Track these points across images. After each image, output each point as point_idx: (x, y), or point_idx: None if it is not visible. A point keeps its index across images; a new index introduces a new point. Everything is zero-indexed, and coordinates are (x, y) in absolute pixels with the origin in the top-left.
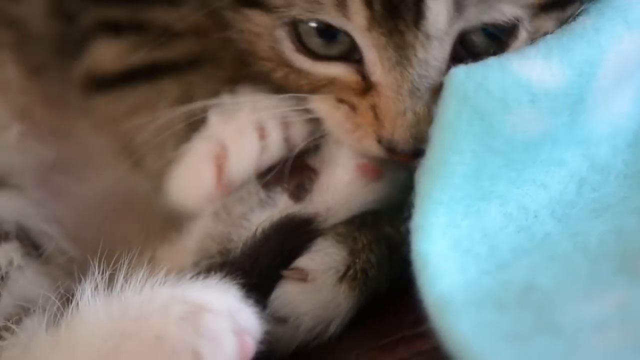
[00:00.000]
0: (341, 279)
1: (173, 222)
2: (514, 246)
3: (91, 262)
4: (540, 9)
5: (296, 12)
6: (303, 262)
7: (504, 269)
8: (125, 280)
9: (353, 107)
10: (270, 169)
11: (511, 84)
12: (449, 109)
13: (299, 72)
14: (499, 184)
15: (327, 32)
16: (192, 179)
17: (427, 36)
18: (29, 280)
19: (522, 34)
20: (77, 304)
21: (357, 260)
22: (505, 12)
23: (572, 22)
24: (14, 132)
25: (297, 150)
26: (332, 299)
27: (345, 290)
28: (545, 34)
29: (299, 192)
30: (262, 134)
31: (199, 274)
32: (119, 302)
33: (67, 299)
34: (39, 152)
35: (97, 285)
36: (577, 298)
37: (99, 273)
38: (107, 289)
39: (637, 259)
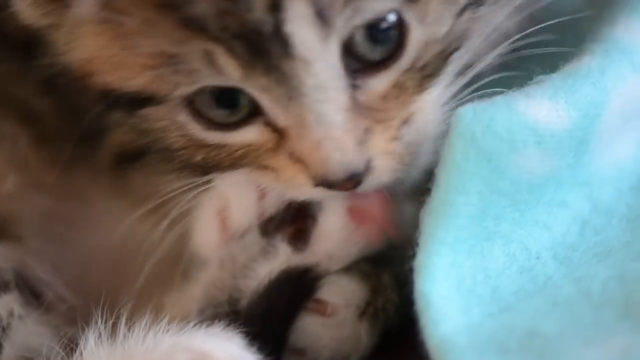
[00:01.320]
0: (362, 315)
1: (177, 270)
2: (516, 288)
3: (94, 310)
4: None
5: (182, 90)
6: (325, 294)
7: (506, 312)
8: (128, 328)
9: (275, 169)
10: (271, 217)
11: (518, 125)
12: (455, 150)
13: (216, 148)
14: (503, 225)
15: (224, 97)
16: (202, 231)
17: (304, 61)
18: (30, 330)
19: (414, 26)
20: (81, 353)
21: (379, 298)
22: (375, 8)
23: (578, 63)
24: (11, 181)
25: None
26: (352, 334)
27: (366, 327)
28: (440, 19)
29: (298, 241)
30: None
31: (203, 321)
32: (123, 351)
33: (71, 348)
34: (38, 202)
35: (100, 334)
36: (580, 344)
37: (102, 321)
38: (111, 337)
39: (639, 305)
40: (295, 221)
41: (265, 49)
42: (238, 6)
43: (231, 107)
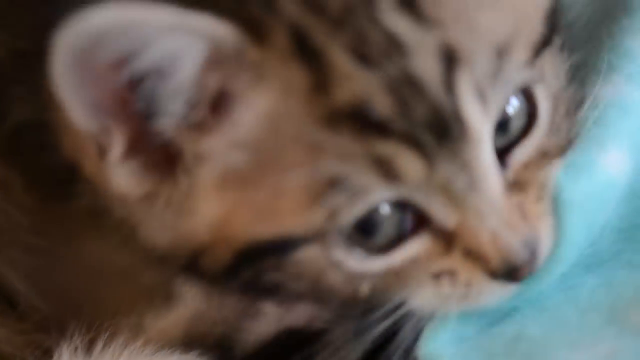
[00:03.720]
0: None
1: (161, 290)
2: (504, 306)
3: (71, 322)
4: (536, 55)
5: (341, 218)
6: None
7: (494, 325)
8: (105, 345)
9: (451, 271)
10: None
11: (603, 185)
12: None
13: (382, 276)
14: None
15: (370, 222)
16: None
17: (477, 144)
18: (2, 338)
19: (537, 87)
20: None
21: None
22: (515, 79)
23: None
24: None
25: None
26: None
27: None
28: (552, 74)
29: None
30: None
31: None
32: None
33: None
34: (15, 215)
35: (76, 349)
36: (566, 348)
37: (78, 336)
38: (87, 352)
39: (626, 311)
40: None
41: (448, 135)
42: (417, 93)
43: (374, 232)
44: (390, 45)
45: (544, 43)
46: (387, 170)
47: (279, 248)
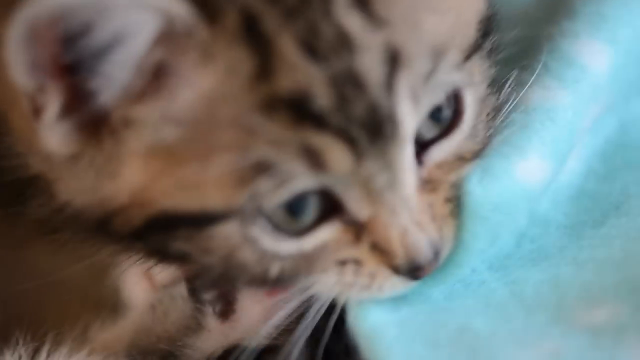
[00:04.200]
0: None
1: (107, 302)
2: (447, 293)
3: (16, 331)
4: (467, 58)
5: (265, 201)
6: None
7: (437, 311)
8: (49, 354)
9: (357, 261)
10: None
11: (518, 196)
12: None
13: (292, 259)
14: None
15: (295, 204)
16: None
17: (404, 143)
18: None
19: (466, 90)
20: None
21: None
22: (447, 81)
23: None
24: None
25: None
26: None
27: None
28: (480, 76)
29: (224, 309)
30: None
31: None
32: None
33: None
34: None
35: (20, 357)
36: (511, 345)
37: (22, 344)
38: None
39: (571, 310)
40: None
41: (381, 133)
42: (358, 90)
43: (300, 210)
44: (340, 41)
45: (476, 47)
46: (315, 161)
47: (195, 220)
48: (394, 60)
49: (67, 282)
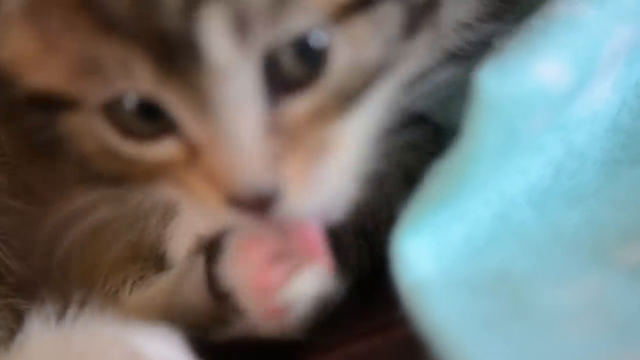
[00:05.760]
0: None
1: (148, 255)
2: (489, 235)
3: (43, 288)
4: (344, 14)
5: (99, 96)
6: None
7: (478, 256)
8: (78, 312)
9: (189, 186)
10: None
11: (534, 91)
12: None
13: (132, 160)
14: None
15: (146, 108)
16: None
17: (219, 73)
18: None
19: (340, 48)
20: (28, 330)
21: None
22: (298, 23)
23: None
24: None
25: None
26: None
27: None
28: (369, 44)
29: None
30: None
31: None
32: (67, 335)
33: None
34: None
35: (49, 314)
36: (552, 285)
37: (50, 302)
38: (59, 319)
39: (610, 249)
40: None
41: (179, 57)
42: (152, 7)
43: (153, 119)
44: None
45: (360, 4)
46: (125, 67)
47: (51, 104)
48: None
49: (104, 232)
